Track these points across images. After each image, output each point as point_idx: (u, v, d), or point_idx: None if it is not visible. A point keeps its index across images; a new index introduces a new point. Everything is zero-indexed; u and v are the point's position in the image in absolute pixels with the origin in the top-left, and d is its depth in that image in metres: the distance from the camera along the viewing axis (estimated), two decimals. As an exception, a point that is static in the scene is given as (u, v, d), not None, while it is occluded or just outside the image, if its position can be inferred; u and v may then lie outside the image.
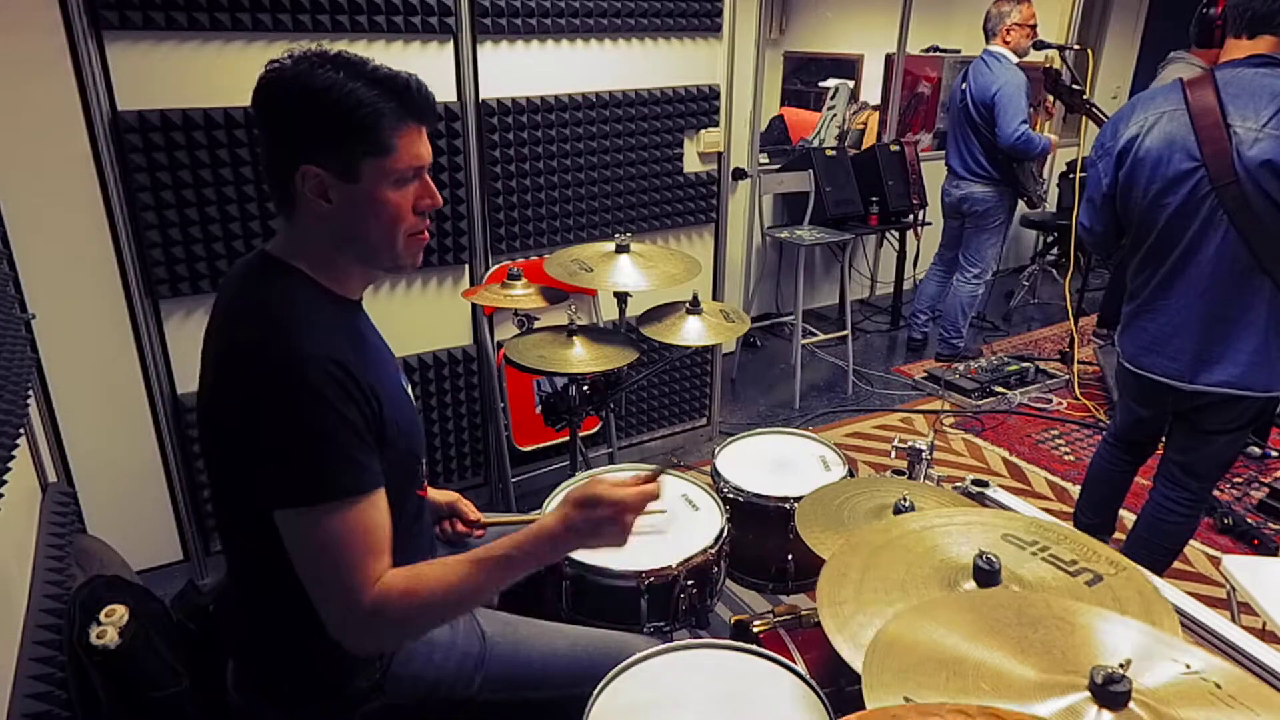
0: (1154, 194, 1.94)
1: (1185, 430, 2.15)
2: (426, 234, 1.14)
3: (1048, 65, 3.64)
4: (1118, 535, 2.54)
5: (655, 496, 1.12)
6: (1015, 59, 3.73)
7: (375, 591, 1.00)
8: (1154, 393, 2.11)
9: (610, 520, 1.09)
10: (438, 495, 1.50)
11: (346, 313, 1.14)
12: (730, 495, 1.70)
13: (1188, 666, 0.84)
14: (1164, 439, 2.26)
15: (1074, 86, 3.50)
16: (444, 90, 2.42)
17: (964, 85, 3.84)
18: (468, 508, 1.52)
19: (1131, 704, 0.78)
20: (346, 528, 0.99)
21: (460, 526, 1.50)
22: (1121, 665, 0.79)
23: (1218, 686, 0.81)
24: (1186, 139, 1.86)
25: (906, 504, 1.38)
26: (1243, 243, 1.84)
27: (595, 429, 3.03)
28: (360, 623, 1.01)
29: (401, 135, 1.04)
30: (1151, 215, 1.96)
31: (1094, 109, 3.53)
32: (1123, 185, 2.01)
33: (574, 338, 2.05)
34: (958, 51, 5.23)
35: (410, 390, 1.28)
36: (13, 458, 1.34)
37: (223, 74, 2.11)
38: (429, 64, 2.38)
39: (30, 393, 1.69)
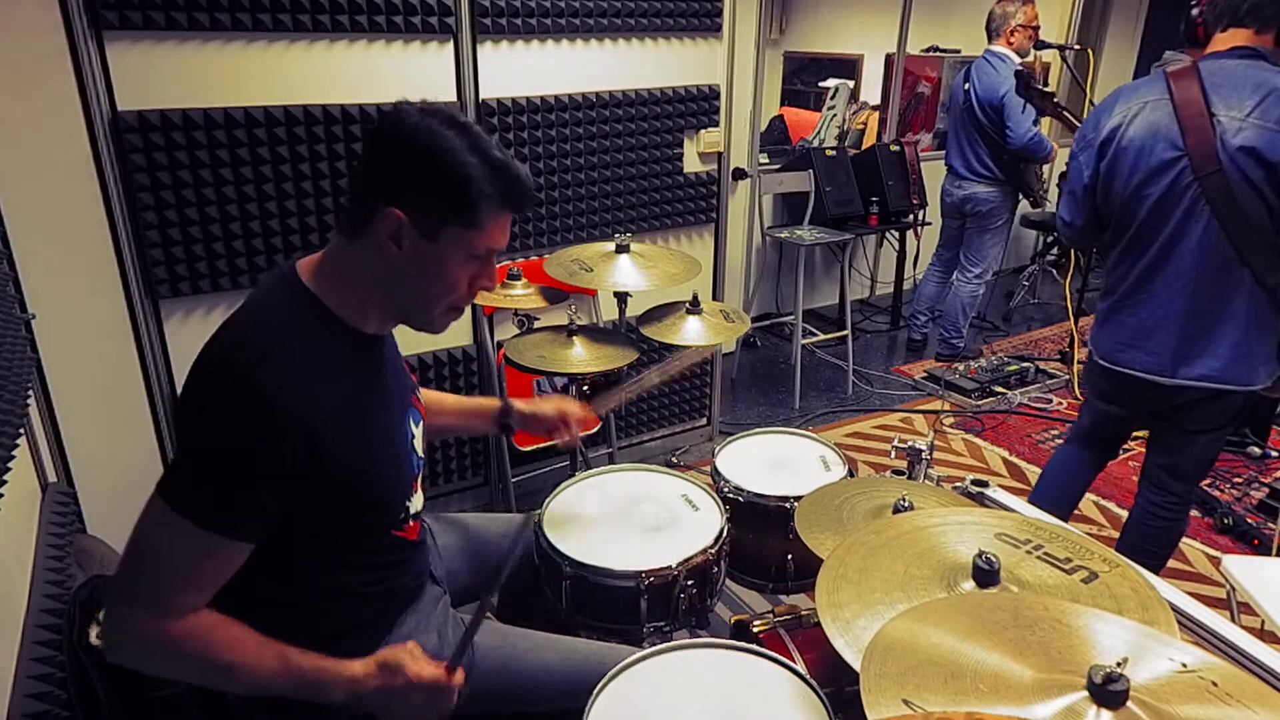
0: (1136, 184, 1.93)
1: (1166, 431, 2.13)
2: (462, 311, 1.15)
3: (1019, 68, 3.64)
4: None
5: (453, 689, 1.09)
6: (1018, 59, 3.73)
7: (167, 618, 0.99)
8: (1131, 390, 2.07)
9: (403, 692, 1.05)
10: (545, 405, 1.50)
11: (349, 346, 1.11)
12: (730, 495, 1.70)
13: (1184, 665, 0.85)
14: (1146, 443, 2.23)
15: (1044, 89, 3.50)
16: (444, 90, 2.42)
17: (966, 85, 3.84)
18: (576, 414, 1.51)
19: (1130, 703, 0.79)
20: (180, 546, 0.99)
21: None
22: (1119, 664, 0.79)
23: (1215, 684, 0.81)
24: (1170, 129, 1.85)
25: (906, 504, 1.38)
26: (1224, 234, 1.83)
27: (595, 429, 3.02)
28: (133, 631, 1.00)
29: (494, 219, 1.07)
30: (1133, 206, 1.95)
31: (1065, 111, 3.50)
32: (1104, 176, 1.99)
33: (574, 338, 2.05)
34: (958, 51, 5.23)
35: (417, 431, 1.26)
36: (13, 458, 1.34)
37: (223, 74, 2.11)
38: (429, 64, 2.38)
39: (30, 393, 1.69)
